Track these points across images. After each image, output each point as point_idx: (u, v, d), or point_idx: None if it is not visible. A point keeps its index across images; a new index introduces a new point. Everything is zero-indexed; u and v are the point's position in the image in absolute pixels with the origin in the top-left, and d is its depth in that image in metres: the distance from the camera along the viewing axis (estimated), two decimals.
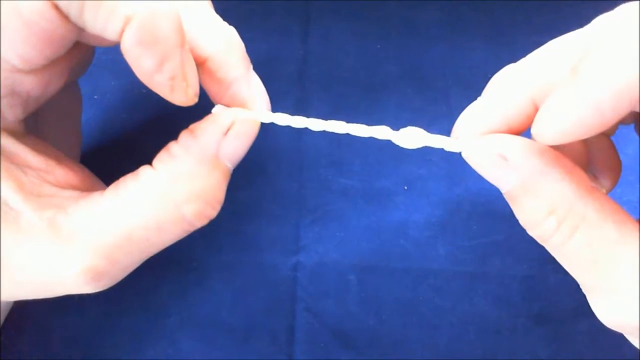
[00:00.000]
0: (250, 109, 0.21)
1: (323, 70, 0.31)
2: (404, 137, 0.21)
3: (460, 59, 0.31)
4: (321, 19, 0.32)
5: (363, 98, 0.31)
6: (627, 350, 0.27)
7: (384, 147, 0.22)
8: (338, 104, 0.31)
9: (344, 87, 0.31)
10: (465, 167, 0.20)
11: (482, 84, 0.21)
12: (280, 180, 0.29)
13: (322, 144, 0.30)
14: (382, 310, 0.28)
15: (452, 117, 0.21)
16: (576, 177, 0.18)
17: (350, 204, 0.29)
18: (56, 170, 0.20)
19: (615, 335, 0.20)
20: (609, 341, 0.27)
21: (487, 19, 0.32)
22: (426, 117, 0.30)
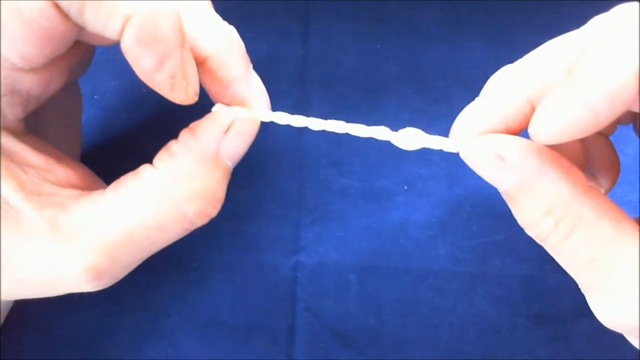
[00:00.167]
0: (250, 108, 0.21)
1: (323, 70, 0.31)
2: (403, 137, 0.21)
3: (460, 59, 0.31)
4: (321, 19, 0.32)
5: (363, 98, 0.31)
6: (627, 350, 0.27)
7: (384, 147, 0.22)
8: (338, 104, 0.31)
9: (344, 87, 0.31)
10: (465, 167, 0.20)
11: (482, 84, 0.21)
12: (281, 180, 0.29)
13: (322, 143, 0.30)
14: (382, 310, 0.28)
15: (452, 117, 0.21)
16: (573, 177, 0.18)
17: (350, 204, 0.29)
18: (56, 169, 0.20)
19: (615, 335, 0.20)
20: (609, 341, 0.27)
21: (487, 19, 0.32)
22: (426, 117, 0.30)
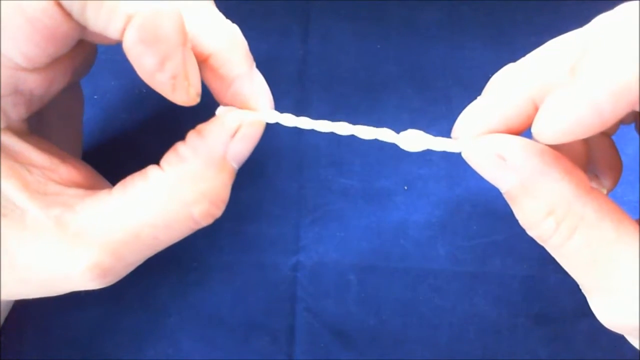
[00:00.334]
0: (253, 106, 0.21)
1: (323, 70, 0.31)
2: (406, 139, 0.21)
3: (460, 59, 0.31)
4: (321, 19, 0.32)
5: (363, 98, 0.31)
6: (627, 350, 0.27)
7: (384, 147, 0.22)
8: (338, 104, 0.31)
9: (344, 87, 0.31)
10: (466, 167, 0.20)
11: (482, 84, 0.21)
12: (281, 180, 0.29)
13: (322, 144, 0.30)
14: (382, 310, 0.28)
15: (452, 117, 0.21)
16: (575, 177, 0.18)
17: (350, 204, 0.29)
18: (60, 169, 0.20)
19: (615, 335, 0.20)
20: (609, 341, 0.27)
21: (487, 19, 0.32)
22: (426, 117, 0.30)
